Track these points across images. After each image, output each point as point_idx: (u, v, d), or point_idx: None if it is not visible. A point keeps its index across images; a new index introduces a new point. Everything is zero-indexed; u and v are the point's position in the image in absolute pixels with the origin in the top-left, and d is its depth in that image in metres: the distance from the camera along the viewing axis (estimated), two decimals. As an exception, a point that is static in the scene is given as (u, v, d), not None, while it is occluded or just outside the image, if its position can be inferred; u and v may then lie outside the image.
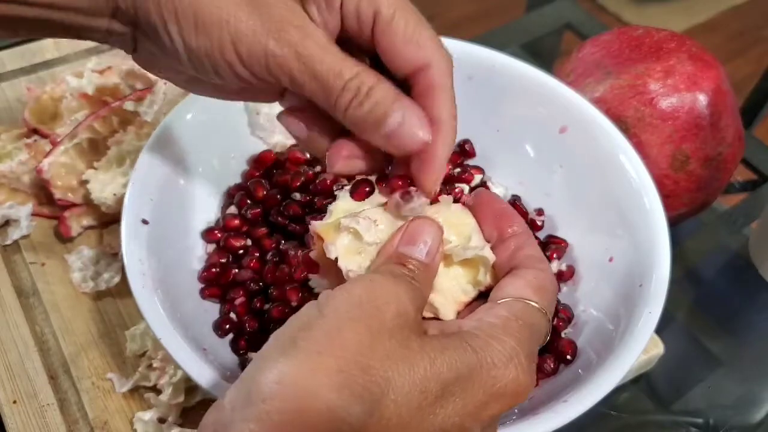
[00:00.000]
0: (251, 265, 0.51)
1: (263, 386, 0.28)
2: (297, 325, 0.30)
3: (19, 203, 0.63)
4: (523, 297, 0.36)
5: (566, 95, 0.55)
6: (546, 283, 0.37)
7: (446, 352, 0.31)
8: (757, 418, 0.58)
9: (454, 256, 0.39)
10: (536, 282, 0.37)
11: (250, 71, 0.35)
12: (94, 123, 0.63)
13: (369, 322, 0.30)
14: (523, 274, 0.37)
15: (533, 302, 0.35)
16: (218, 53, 0.35)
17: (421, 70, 0.37)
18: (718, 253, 0.69)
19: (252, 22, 0.34)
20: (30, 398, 0.53)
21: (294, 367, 0.28)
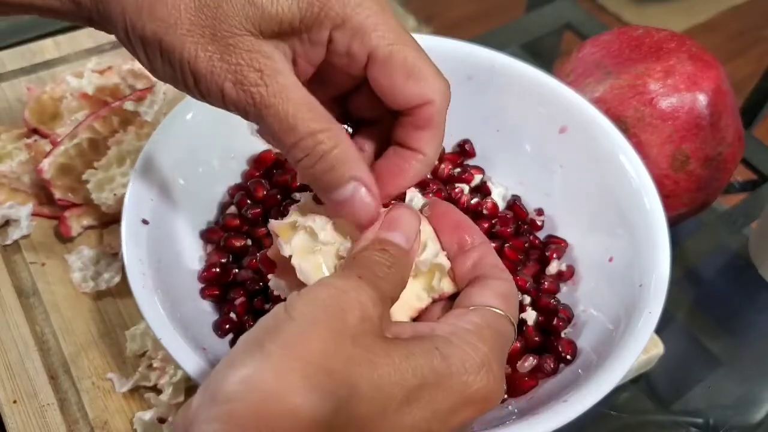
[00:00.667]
0: (251, 265, 0.51)
1: (228, 387, 0.28)
2: (264, 328, 0.30)
3: (19, 203, 0.63)
4: (492, 305, 0.36)
5: (566, 95, 0.55)
6: (510, 292, 0.38)
7: (412, 358, 0.31)
8: (757, 418, 0.58)
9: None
10: (502, 291, 0.37)
11: (211, 103, 0.36)
12: (94, 123, 0.63)
13: (333, 326, 0.30)
14: (489, 284, 0.37)
15: (501, 310, 0.36)
16: (182, 84, 0.35)
17: (421, 105, 0.36)
18: (718, 253, 0.69)
19: (210, 63, 0.34)
20: (30, 398, 0.53)
21: (259, 369, 0.28)
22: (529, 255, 0.54)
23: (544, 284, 0.51)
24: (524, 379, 0.46)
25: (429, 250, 0.39)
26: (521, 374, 0.47)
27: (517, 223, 0.55)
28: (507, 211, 0.56)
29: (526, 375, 0.47)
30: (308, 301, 0.31)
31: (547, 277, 0.52)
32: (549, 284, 0.51)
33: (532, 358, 0.48)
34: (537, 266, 0.53)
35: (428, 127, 0.37)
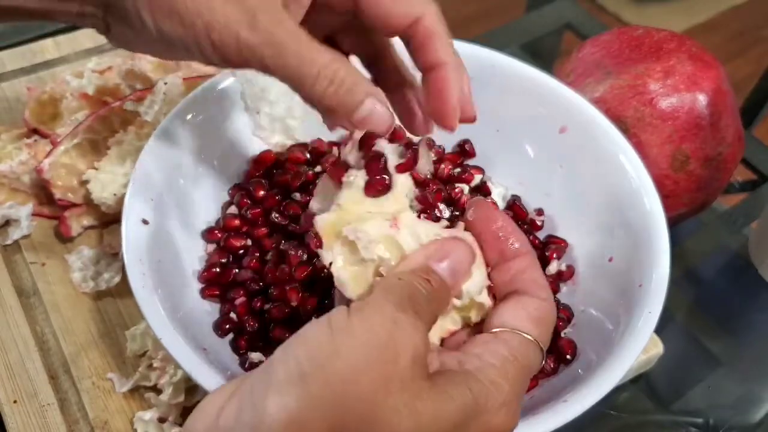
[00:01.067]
0: (251, 265, 0.51)
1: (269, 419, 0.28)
2: (307, 355, 0.30)
3: (19, 203, 0.63)
4: (522, 330, 0.35)
5: (566, 95, 0.55)
6: (546, 315, 0.37)
7: (450, 402, 0.31)
8: (757, 418, 0.58)
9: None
10: (537, 313, 0.36)
11: (223, 58, 0.36)
12: (94, 123, 0.63)
13: (384, 371, 0.29)
14: (524, 304, 0.36)
15: (531, 336, 0.35)
16: (192, 40, 0.36)
17: (414, 23, 0.38)
18: (718, 253, 0.69)
19: (225, 11, 0.35)
20: (30, 398, 0.53)
21: (304, 408, 0.28)
22: (529, 255, 0.54)
23: (544, 284, 0.51)
24: (524, 379, 0.46)
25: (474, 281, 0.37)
26: (521, 374, 0.47)
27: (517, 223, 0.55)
28: (507, 211, 0.56)
29: (526, 375, 0.47)
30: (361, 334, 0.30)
31: (547, 277, 0.52)
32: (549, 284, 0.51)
33: (532, 358, 0.48)
34: (537, 266, 0.53)
35: (432, 37, 0.38)
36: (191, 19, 0.35)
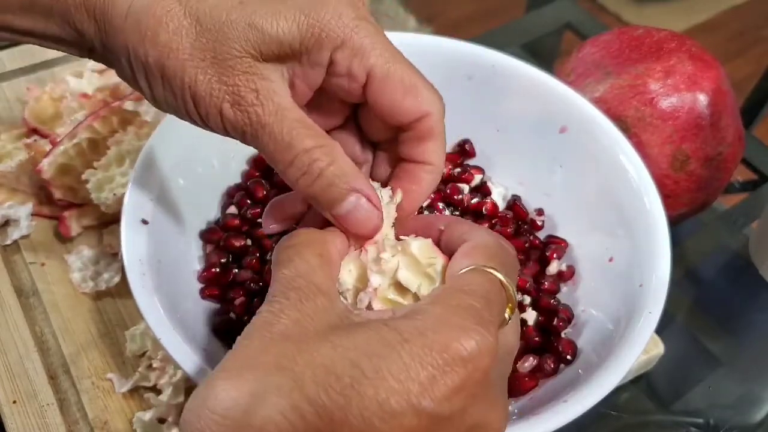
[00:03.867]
0: (251, 265, 0.51)
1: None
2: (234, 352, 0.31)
3: (19, 203, 0.63)
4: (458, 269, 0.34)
5: (566, 95, 0.55)
6: (478, 242, 0.35)
7: (355, 334, 0.29)
8: (757, 418, 0.58)
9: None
10: (468, 248, 0.35)
11: (211, 129, 0.36)
12: (94, 123, 0.63)
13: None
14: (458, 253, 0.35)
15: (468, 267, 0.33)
16: (183, 109, 0.36)
17: (419, 119, 0.37)
18: (718, 253, 0.69)
19: (209, 86, 0.34)
20: (30, 398, 0.53)
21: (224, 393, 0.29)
22: (529, 255, 0.54)
23: (545, 284, 0.51)
24: (524, 379, 0.46)
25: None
26: (521, 374, 0.47)
27: (517, 223, 0.55)
28: (507, 211, 0.56)
29: (526, 375, 0.47)
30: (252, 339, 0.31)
31: (548, 277, 0.52)
32: (549, 284, 0.51)
33: (532, 358, 0.48)
34: (537, 266, 0.53)
35: (431, 137, 0.38)
36: (180, 90, 0.35)
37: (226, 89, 0.34)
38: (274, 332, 0.30)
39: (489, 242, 0.35)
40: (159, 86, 0.35)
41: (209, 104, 0.35)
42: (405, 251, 0.36)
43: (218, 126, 0.36)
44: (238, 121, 0.35)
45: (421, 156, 0.38)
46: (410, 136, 0.38)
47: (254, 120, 0.35)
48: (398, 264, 0.36)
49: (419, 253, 0.36)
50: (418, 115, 0.37)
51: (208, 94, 0.34)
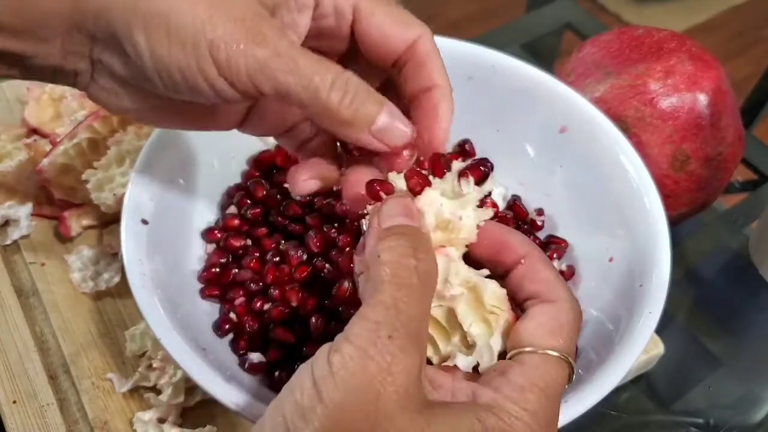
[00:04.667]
0: (251, 265, 0.51)
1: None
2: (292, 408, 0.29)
3: (19, 203, 0.63)
4: (539, 347, 0.33)
5: (566, 95, 0.55)
6: (562, 318, 0.34)
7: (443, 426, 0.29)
8: (757, 418, 0.58)
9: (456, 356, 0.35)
10: (553, 321, 0.34)
11: (229, 80, 0.33)
12: (94, 123, 0.63)
13: (368, 412, 0.28)
14: (537, 313, 0.34)
15: (550, 351, 0.33)
16: (194, 62, 0.33)
17: (411, 46, 0.38)
18: (718, 253, 0.69)
19: (228, 27, 0.32)
20: (30, 398, 0.53)
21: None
22: (529, 255, 0.54)
23: (544, 284, 0.51)
24: (524, 379, 0.46)
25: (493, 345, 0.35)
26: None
27: (518, 223, 0.55)
28: (507, 211, 0.56)
29: (526, 375, 0.47)
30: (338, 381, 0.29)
31: (547, 277, 0.52)
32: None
33: (532, 358, 0.48)
34: (537, 266, 0.53)
35: (429, 58, 0.38)
36: (193, 38, 0.32)
37: (245, 29, 0.33)
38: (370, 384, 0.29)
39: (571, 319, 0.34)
40: (162, 39, 0.32)
41: (230, 47, 0.33)
42: (475, 289, 0.35)
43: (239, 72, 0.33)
44: (267, 57, 0.33)
45: (428, 80, 0.38)
46: (409, 68, 0.38)
47: (286, 55, 0.33)
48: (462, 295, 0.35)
49: (489, 299, 0.35)
50: (410, 40, 0.37)
51: (229, 37, 0.32)
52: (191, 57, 0.33)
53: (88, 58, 0.36)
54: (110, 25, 0.33)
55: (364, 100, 0.35)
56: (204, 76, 0.33)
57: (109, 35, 0.34)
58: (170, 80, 0.34)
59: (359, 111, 0.34)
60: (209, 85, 0.34)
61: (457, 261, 0.36)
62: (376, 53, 0.38)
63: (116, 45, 0.34)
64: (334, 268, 0.50)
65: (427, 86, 0.38)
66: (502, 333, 0.35)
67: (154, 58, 0.33)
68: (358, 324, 0.30)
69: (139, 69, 0.34)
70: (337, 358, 0.29)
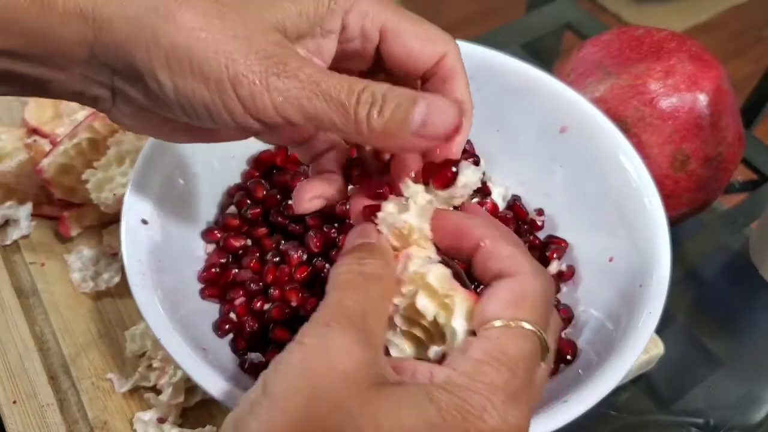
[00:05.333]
0: (251, 265, 0.51)
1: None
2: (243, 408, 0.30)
3: (19, 203, 0.63)
4: (501, 318, 0.32)
5: (566, 95, 0.55)
6: (525, 289, 0.33)
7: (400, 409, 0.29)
8: (757, 418, 0.58)
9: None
10: (512, 294, 0.33)
11: (255, 116, 0.33)
12: (94, 123, 0.63)
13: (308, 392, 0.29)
14: (496, 290, 0.34)
15: (512, 322, 0.32)
16: (218, 99, 0.33)
17: (438, 62, 0.38)
18: (718, 253, 0.69)
19: (251, 61, 0.32)
20: (30, 398, 0.53)
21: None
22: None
23: (544, 284, 0.51)
24: (524, 379, 0.46)
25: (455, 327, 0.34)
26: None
27: (518, 223, 0.55)
28: (507, 211, 0.56)
29: (526, 375, 0.47)
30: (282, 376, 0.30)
31: (547, 277, 0.52)
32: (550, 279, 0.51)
33: (532, 358, 0.48)
34: (537, 266, 0.53)
35: (453, 75, 0.38)
36: (216, 74, 0.32)
37: (267, 62, 0.32)
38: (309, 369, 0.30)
39: (535, 288, 0.34)
40: (186, 75, 0.32)
41: (252, 81, 0.32)
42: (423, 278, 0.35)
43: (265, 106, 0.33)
44: (290, 88, 0.32)
45: (453, 97, 0.38)
46: (433, 82, 0.38)
47: (310, 80, 0.32)
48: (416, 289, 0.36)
49: (436, 284, 0.35)
50: (436, 58, 0.37)
51: (249, 71, 0.32)
52: (215, 93, 0.33)
53: (109, 87, 0.35)
54: (131, 60, 0.33)
55: (394, 104, 0.33)
56: (229, 112, 0.33)
57: (130, 69, 0.33)
58: (194, 114, 0.34)
59: (393, 116, 0.33)
60: (235, 121, 0.34)
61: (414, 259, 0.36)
62: (402, 70, 0.38)
63: (137, 78, 0.34)
64: (334, 268, 0.50)
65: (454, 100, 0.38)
66: (465, 314, 0.34)
67: (177, 93, 0.33)
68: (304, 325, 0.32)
69: (161, 102, 0.34)
70: (282, 355, 0.31)
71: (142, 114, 0.36)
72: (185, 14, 0.32)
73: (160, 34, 0.32)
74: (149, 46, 0.32)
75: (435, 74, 0.38)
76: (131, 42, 0.32)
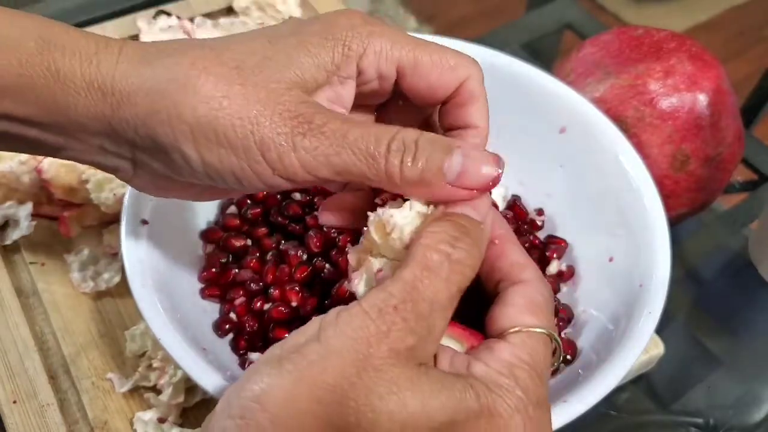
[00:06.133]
0: (251, 265, 0.51)
1: (240, 401, 0.29)
2: (291, 345, 0.30)
3: (19, 203, 0.63)
4: (521, 325, 0.33)
5: (566, 95, 0.55)
6: (538, 297, 0.34)
7: (444, 393, 0.29)
8: (757, 418, 0.58)
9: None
10: (528, 301, 0.34)
11: (285, 177, 0.33)
12: (94, 123, 0.63)
13: (356, 356, 0.29)
14: (512, 297, 0.35)
15: (533, 329, 0.33)
16: (246, 165, 0.32)
17: (459, 86, 0.37)
18: (718, 253, 0.69)
19: (272, 125, 0.32)
20: (30, 398, 0.53)
21: (272, 387, 0.28)
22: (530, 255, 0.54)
23: (544, 284, 0.51)
24: (524, 379, 0.46)
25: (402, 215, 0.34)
26: (521, 374, 0.47)
27: (517, 223, 0.55)
28: (507, 211, 0.56)
29: (526, 375, 0.47)
30: (338, 330, 0.29)
31: (547, 278, 0.52)
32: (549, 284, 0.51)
33: (532, 358, 0.48)
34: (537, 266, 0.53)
35: (471, 100, 0.37)
36: (243, 142, 0.32)
37: (292, 122, 0.32)
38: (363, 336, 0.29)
39: (545, 295, 0.35)
40: (212, 146, 0.32)
41: (279, 145, 0.32)
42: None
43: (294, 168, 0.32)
44: (317, 146, 0.32)
45: (464, 120, 0.37)
46: (451, 104, 0.37)
47: (332, 134, 0.32)
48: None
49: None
50: (456, 84, 0.36)
51: (275, 134, 0.32)
52: (243, 161, 0.32)
53: (130, 159, 0.35)
54: (153, 135, 0.32)
55: (430, 154, 0.32)
56: (260, 177, 0.33)
57: (152, 143, 0.33)
58: (223, 182, 0.34)
59: (426, 167, 0.32)
60: (264, 183, 0.33)
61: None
62: (423, 101, 0.37)
63: (160, 152, 0.33)
64: (334, 268, 0.50)
65: (464, 125, 0.38)
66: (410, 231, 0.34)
67: (204, 164, 0.33)
68: (374, 292, 0.31)
69: (187, 173, 0.34)
70: (344, 313, 0.30)
71: (166, 182, 0.36)
72: (206, 83, 0.32)
73: (182, 106, 0.32)
74: (171, 119, 0.32)
75: (453, 99, 0.37)
76: (152, 117, 0.32)
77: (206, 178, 0.34)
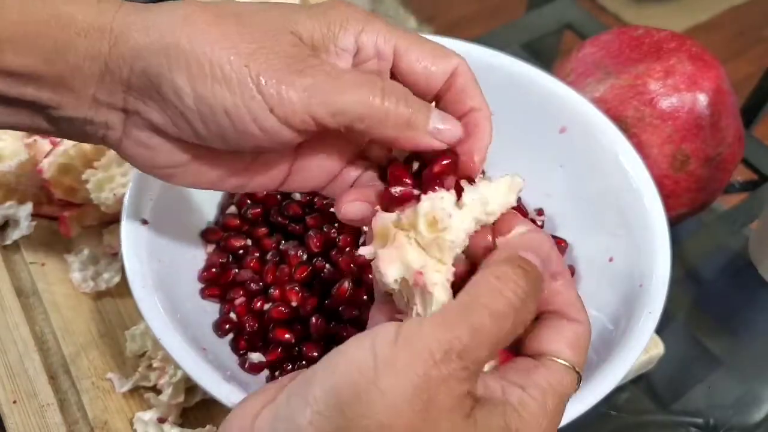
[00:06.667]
0: (251, 265, 0.51)
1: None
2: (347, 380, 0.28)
3: (19, 203, 0.63)
4: (560, 357, 0.34)
5: (566, 95, 0.55)
6: (583, 339, 0.36)
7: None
8: (757, 418, 0.58)
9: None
10: (574, 338, 0.35)
11: (282, 117, 0.33)
12: (94, 123, 0.63)
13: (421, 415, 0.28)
14: (562, 328, 0.35)
15: (569, 363, 0.34)
16: (240, 101, 0.33)
17: (451, 75, 0.38)
18: (718, 253, 0.69)
19: (273, 61, 0.33)
20: (30, 398, 0.53)
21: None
22: (529, 255, 0.54)
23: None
24: (524, 379, 0.46)
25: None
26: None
27: (517, 223, 0.55)
28: (507, 211, 0.56)
29: (526, 375, 0.47)
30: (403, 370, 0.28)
31: (547, 277, 0.52)
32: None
33: (532, 358, 0.48)
34: (537, 266, 0.53)
35: (468, 86, 0.39)
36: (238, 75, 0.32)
37: (288, 60, 0.33)
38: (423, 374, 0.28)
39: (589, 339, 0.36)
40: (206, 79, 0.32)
41: (278, 81, 0.32)
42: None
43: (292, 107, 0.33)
44: (314, 83, 0.33)
45: (468, 104, 0.39)
46: (449, 96, 0.39)
47: (327, 74, 0.34)
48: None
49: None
50: (450, 71, 0.38)
51: (272, 69, 0.33)
52: (237, 95, 0.32)
53: (121, 111, 0.35)
54: (148, 68, 0.33)
55: (415, 102, 0.35)
56: (253, 116, 0.33)
57: (146, 80, 0.33)
58: (215, 124, 0.33)
59: (416, 109, 0.35)
60: (259, 126, 0.33)
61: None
62: (418, 89, 0.38)
63: (154, 90, 0.33)
64: (334, 268, 0.50)
65: (467, 111, 0.39)
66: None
67: (197, 99, 0.33)
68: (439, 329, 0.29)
69: (179, 115, 0.34)
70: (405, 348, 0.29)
71: (158, 142, 0.36)
72: (205, 21, 0.33)
73: (179, 36, 0.32)
74: (168, 48, 0.32)
75: (448, 90, 0.38)
76: (148, 48, 0.33)
77: (199, 122, 0.33)
